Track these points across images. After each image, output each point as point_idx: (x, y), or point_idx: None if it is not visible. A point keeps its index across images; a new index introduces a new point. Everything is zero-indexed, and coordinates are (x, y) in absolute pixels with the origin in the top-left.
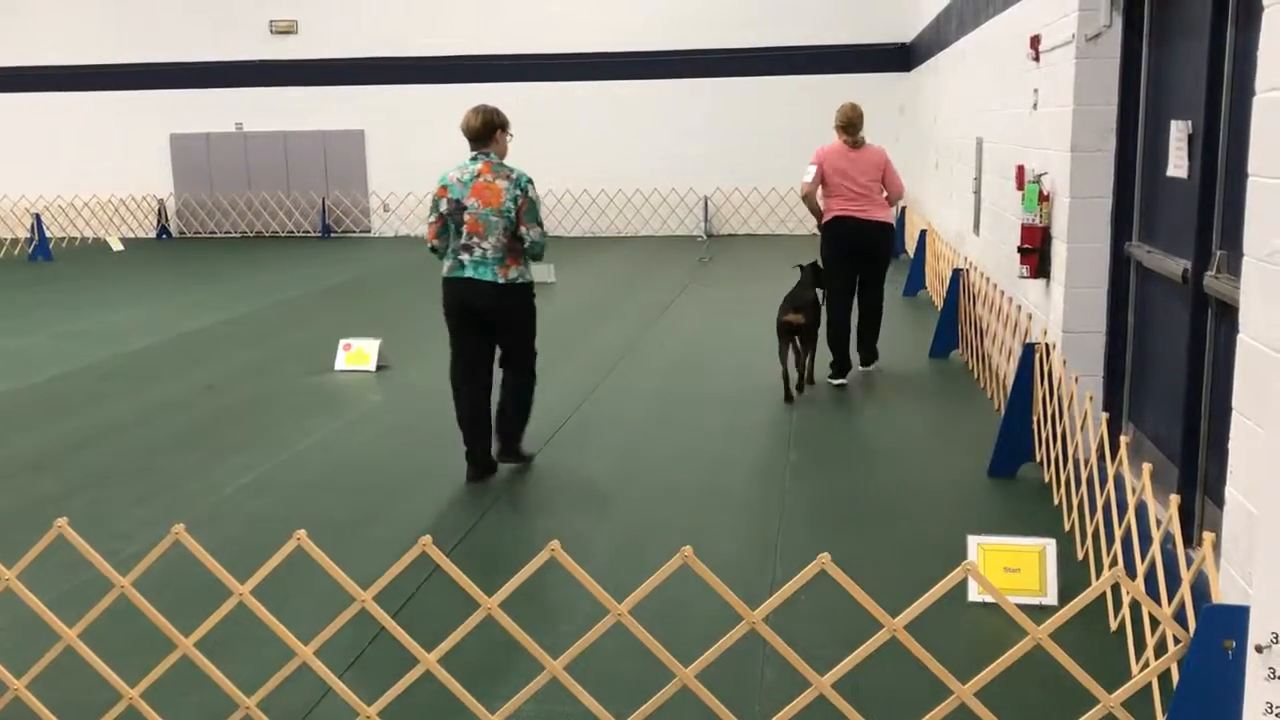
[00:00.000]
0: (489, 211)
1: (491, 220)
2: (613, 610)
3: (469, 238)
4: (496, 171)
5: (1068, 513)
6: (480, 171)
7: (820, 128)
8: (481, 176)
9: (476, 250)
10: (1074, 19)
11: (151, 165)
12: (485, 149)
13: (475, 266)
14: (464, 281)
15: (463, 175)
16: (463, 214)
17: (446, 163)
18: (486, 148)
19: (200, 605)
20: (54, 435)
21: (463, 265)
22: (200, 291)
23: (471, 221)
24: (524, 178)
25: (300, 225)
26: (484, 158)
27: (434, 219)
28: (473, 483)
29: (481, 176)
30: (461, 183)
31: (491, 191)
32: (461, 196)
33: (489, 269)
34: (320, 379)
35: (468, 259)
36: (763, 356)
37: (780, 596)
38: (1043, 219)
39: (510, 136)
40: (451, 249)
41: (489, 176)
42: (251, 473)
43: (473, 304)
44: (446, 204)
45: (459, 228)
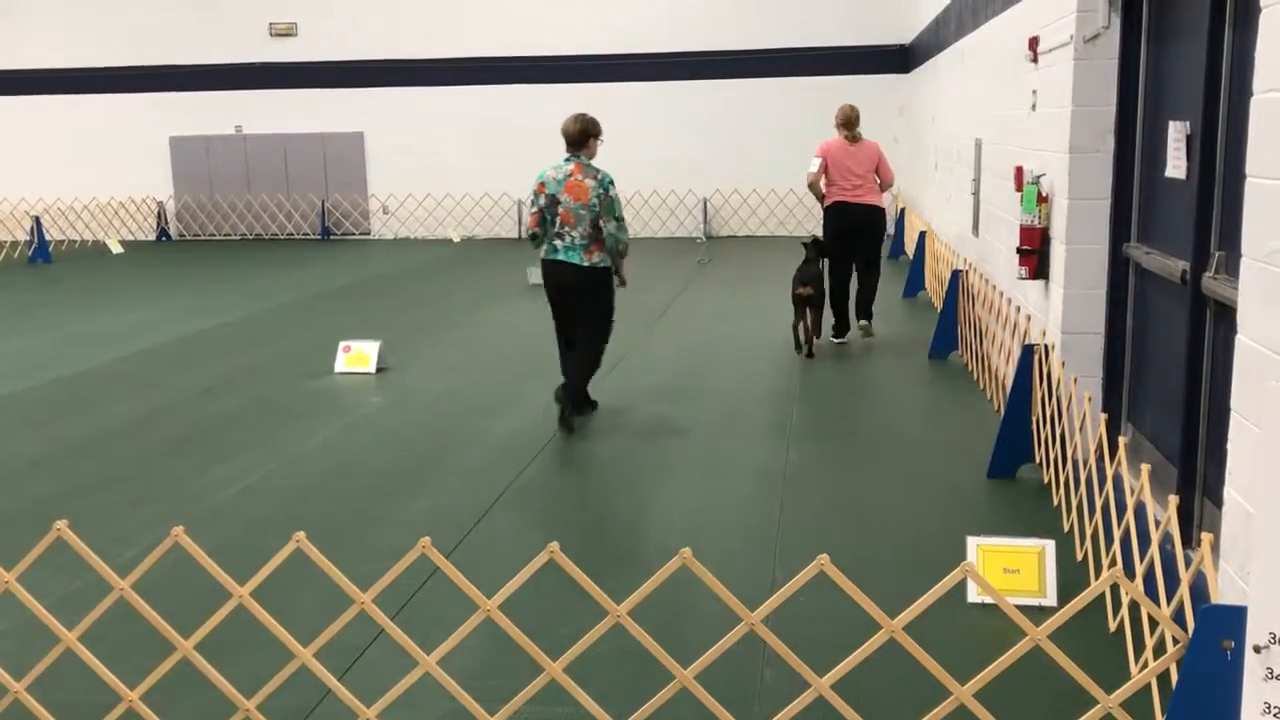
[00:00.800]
0: (578, 205)
1: (580, 213)
2: (612, 612)
3: (561, 227)
4: (586, 171)
5: (1067, 513)
6: (572, 171)
7: (820, 129)
8: (573, 175)
9: (567, 238)
10: (1072, 20)
11: (151, 168)
12: (578, 152)
13: (565, 251)
14: (556, 263)
15: (558, 174)
16: (556, 207)
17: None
18: (580, 151)
19: (200, 607)
20: (54, 438)
21: (556, 250)
22: (200, 294)
23: (564, 213)
24: (607, 178)
25: (300, 228)
26: (576, 159)
27: (534, 210)
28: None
29: (573, 175)
30: (557, 180)
31: (581, 189)
32: (556, 192)
33: (576, 253)
34: (320, 381)
35: (560, 245)
36: (762, 357)
37: (779, 597)
38: (1041, 220)
39: (600, 142)
40: (547, 236)
41: (579, 176)
42: (251, 475)
43: (563, 282)
44: (544, 198)
45: (553, 218)
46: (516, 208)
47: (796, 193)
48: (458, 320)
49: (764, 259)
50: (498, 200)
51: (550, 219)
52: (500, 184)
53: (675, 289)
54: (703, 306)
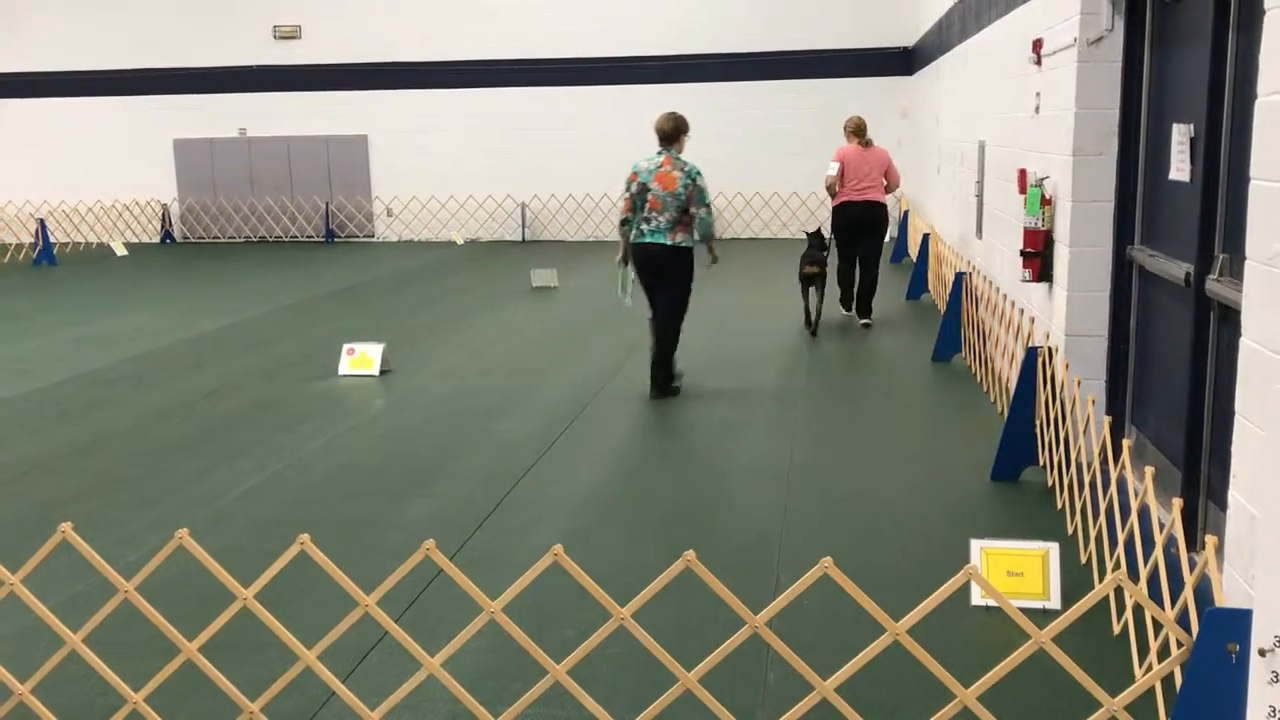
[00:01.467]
0: (666, 194)
1: (667, 200)
2: (615, 614)
3: (649, 212)
4: (674, 164)
5: (1071, 516)
6: (662, 163)
7: (824, 131)
8: (663, 167)
9: (654, 222)
10: (1075, 23)
11: (155, 170)
12: (669, 146)
13: (652, 234)
14: (644, 245)
15: (650, 165)
16: (646, 194)
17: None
18: (670, 146)
19: (204, 610)
20: (58, 440)
21: (644, 233)
22: (204, 296)
23: (653, 200)
24: (694, 170)
25: (304, 230)
26: (667, 152)
27: (626, 196)
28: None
29: (663, 167)
30: (648, 170)
31: (669, 179)
32: (647, 181)
33: (661, 235)
34: (324, 383)
35: (647, 228)
36: (767, 356)
37: (783, 600)
38: (1045, 223)
39: (688, 138)
40: (636, 220)
41: (668, 167)
42: (255, 477)
43: (650, 260)
44: (636, 186)
45: (643, 204)
46: (520, 210)
47: (800, 195)
48: (461, 323)
49: (769, 260)
50: (501, 203)
51: (640, 205)
52: (504, 187)
53: None
54: (709, 308)
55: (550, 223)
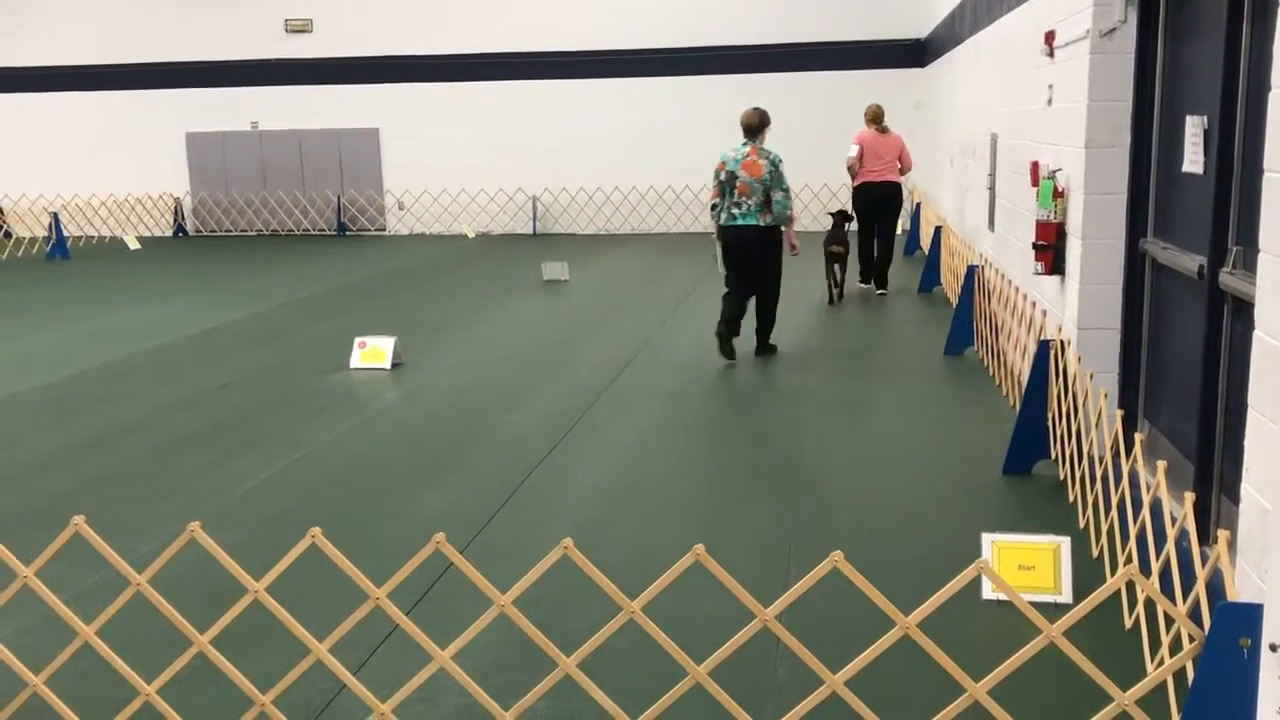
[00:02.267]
0: (753, 180)
1: (754, 186)
2: (625, 608)
3: (738, 197)
4: (759, 153)
5: (1082, 510)
6: (748, 153)
7: (835, 123)
8: (749, 156)
9: (744, 205)
10: (1088, 14)
11: (168, 164)
12: (753, 138)
13: (743, 216)
14: (736, 226)
15: (736, 155)
16: (735, 181)
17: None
18: (754, 137)
19: (215, 602)
20: (71, 433)
21: (735, 216)
22: (216, 289)
23: (741, 186)
24: (777, 158)
25: (315, 223)
26: (751, 143)
27: (716, 184)
28: (726, 359)
29: (749, 156)
30: (735, 160)
31: (755, 166)
32: (735, 169)
33: (753, 217)
34: (335, 377)
35: (738, 211)
36: (777, 355)
37: (793, 594)
38: (1057, 215)
39: (768, 130)
40: (725, 205)
41: (754, 156)
42: (266, 470)
43: (741, 240)
44: (725, 174)
45: (732, 190)
46: (531, 204)
47: (812, 187)
48: (472, 316)
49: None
50: (512, 196)
51: (729, 191)
52: (515, 180)
53: (690, 284)
54: (718, 301)
55: (561, 216)
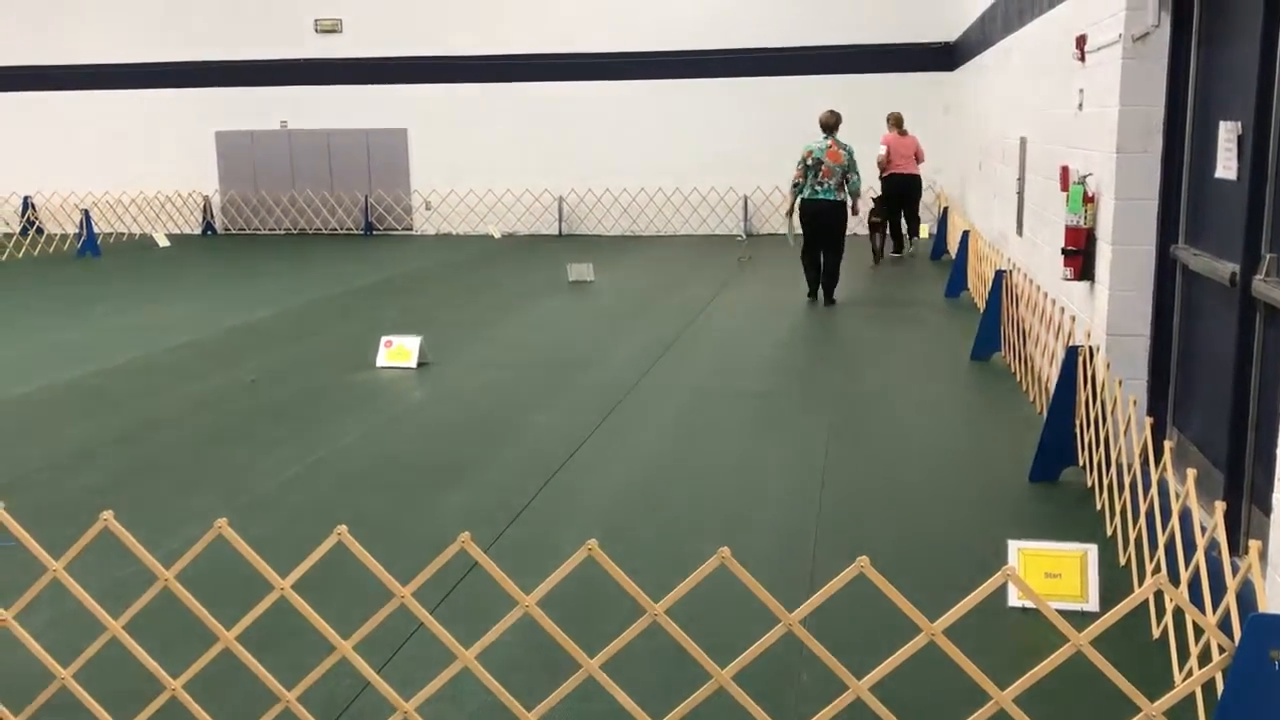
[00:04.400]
0: (835, 165)
1: (835, 169)
2: (649, 610)
3: (821, 178)
4: (837, 145)
5: (1110, 518)
6: (830, 145)
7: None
8: (831, 147)
9: (825, 185)
10: (1121, 18)
11: (197, 162)
12: (832, 133)
13: (824, 192)
14: (819, 200)
15: (820, 146)
16: (820, 166)
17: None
18: (833, 133)
19: (241, 598)
20: (99, 428)
21: (817, 192)
22: (244, 287)
23: (826, 170)
24: (850, 149)
25: (343, 223)
26: (831, 137)
27: (800, 168)
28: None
29: (831, 147)
30: (820, 149)
31: (837, 155)
32: (821, 157)
33: (831, 194)
34: (361, 375)
35: (820, 189)
36: (800, 354)
37: (818, 599)
38: (1087, 221)
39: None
40: (808, 184)
41: (835, 147)
42: (293, 468)
43: (820, 211)
44: (811, 160)
45: (816, 174)
46: (557, 204)
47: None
48: (498, 316)
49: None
50: (539, 197)
51: (813, 174)
52: (542, 180)
53: (715, 286)
54: (743, 303)
55: (587, 217)
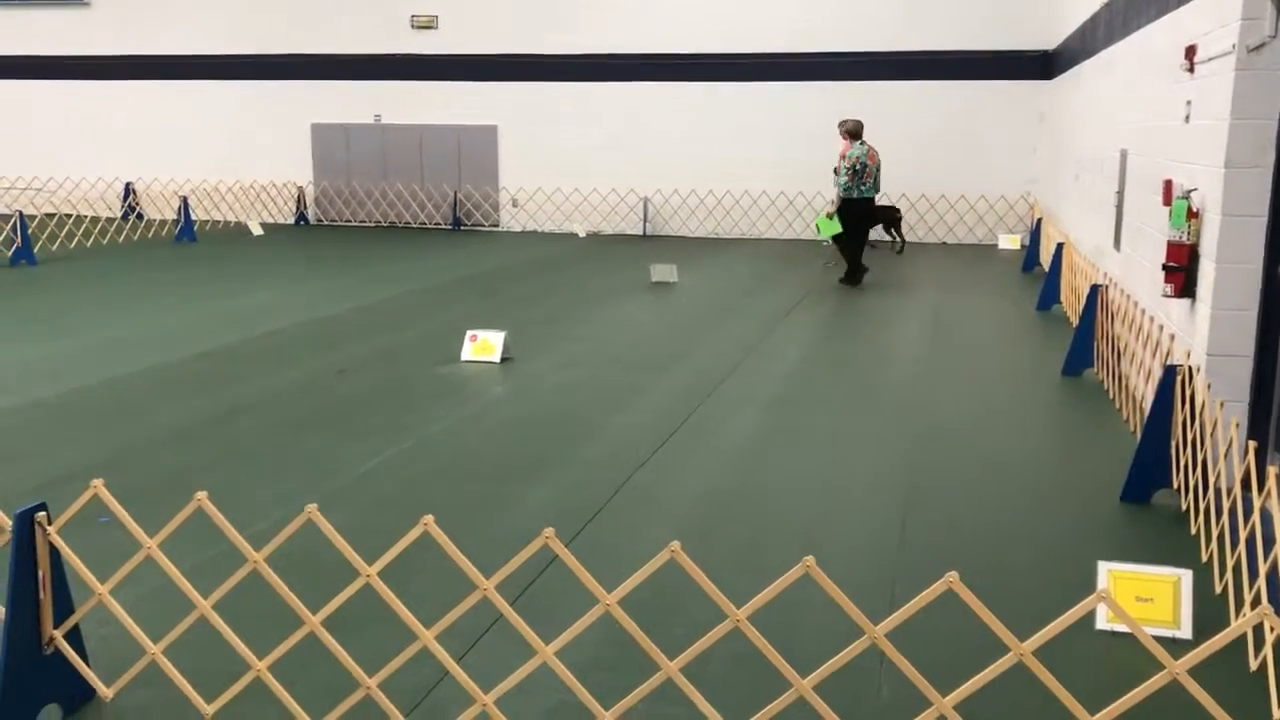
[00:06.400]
0: (875, 166)
1: (876, 170)
2: (731, 615)
3: (868, 178)
4: (872, 147)
5: (1206, 543)
6: (870, 147)
7: (957, 133)
8: (871, 149)
9: (867, 184)
10: (1235, 29)
11: (293, 153)
12: (862, 138)
13: (869, 190)
14: (867, 198)
15: (863, 150)
16: (865, 168)
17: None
18: (861, 138)
19: (326, 584)
20: (193, 411)
21: (864, 191)
22: (335, 278)
23: (869, 172)
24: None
25: (432, 217)
26: (865, 141)
27: (851, 173)
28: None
29: (871, 149)
30: (864, 153)
31: (876, 157)
32: (865, 160)
33: (874, 192)
34: (447, 368)
35: (865, 188)
36: (883, 365)
37: (904, 613)
38: (1190, 236)
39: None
40: (856, 184)
41: (874, 149)
42: (378, 456)
43: (869, 207)
44: (859, 165)
45: (863, 174)
46: (642, 205)
47: (929, 198)
48: (581, 314)
49: (897, 265)
50: (624, 197)
51: (860, 174)
52: (627, 181)
53: (799, 291)
54: (826, 308)
55: (672, 218)
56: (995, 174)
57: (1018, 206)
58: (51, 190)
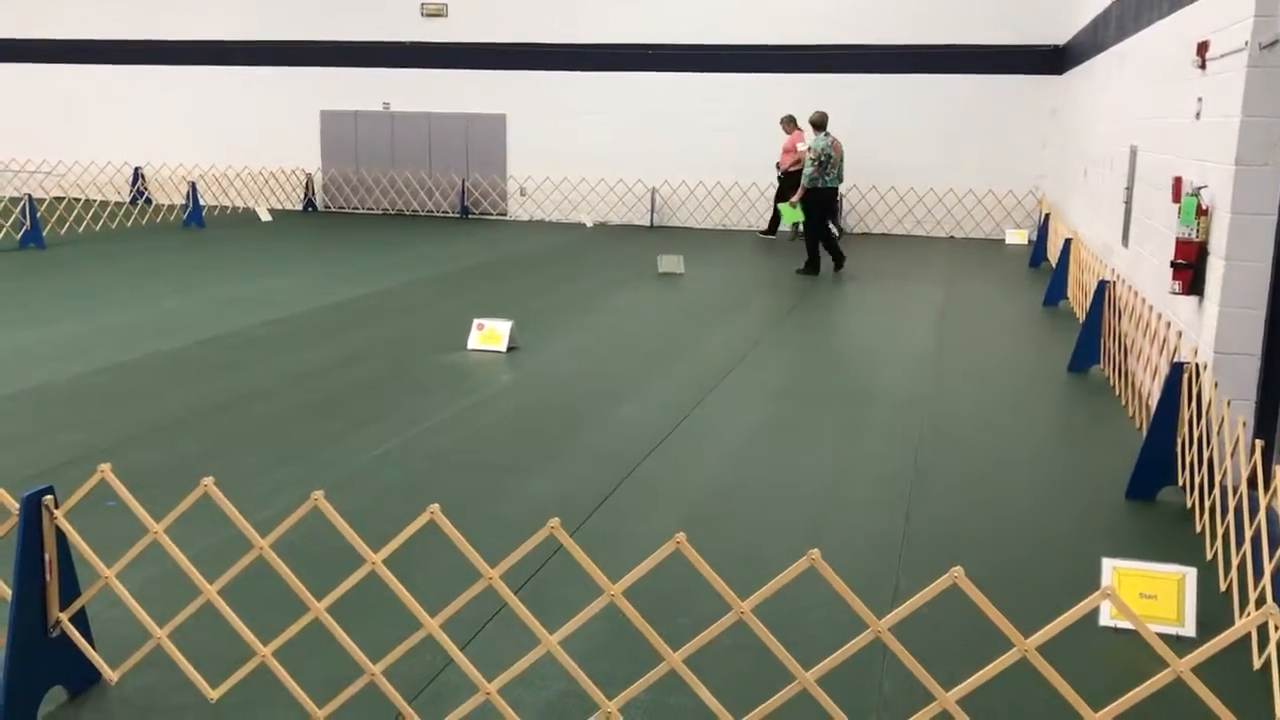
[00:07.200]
0: (839, 157)
1: (840, 161)
2: (735, 608)
3: (832, 169)
4: (836, 138)
5: (1210, 541)
6: (834, 139)
7: (966, 125)
8: (835, 140)
9: (832, 174)
10: (1248, 25)
11: (301, 140)
12: (826, 128)
13: (833, 180)
14: (831, 188)
15: (826, 142)
16: (829, 159)
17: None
18: (825, 129)
19: (330, 570)
20: (200, 396)
21: (827, 180)
22: (342, 265)
23: (834, 162)
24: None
25: (439, 205)
26: (829, 133)
27: (815, 165)
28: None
29: (835, 140)
30: (827, 145)
31: (840, 148)
32: (829, 151)
33: (838, 181)
34: (453, 356)
35: (827, 179)
36: (889, 365)
37: (908, 608)
38: (1199, 234)
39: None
40: (822, 175)
41: (837, 140)
42: (383, 445)
43: (833, 196)
44: (824, 155)
45: (827, 165)
46: (650, 195)
47: (937, 191)
48: (588, 304)
49: (905, 259)
50: (631, 187)
51: (823, 167)
52: (635, 171)
53: (808, 283)
54: (835, 301)
55: (679, 209)
56: (1004, 168)
57: (1026, 201)
58: (60, 174)
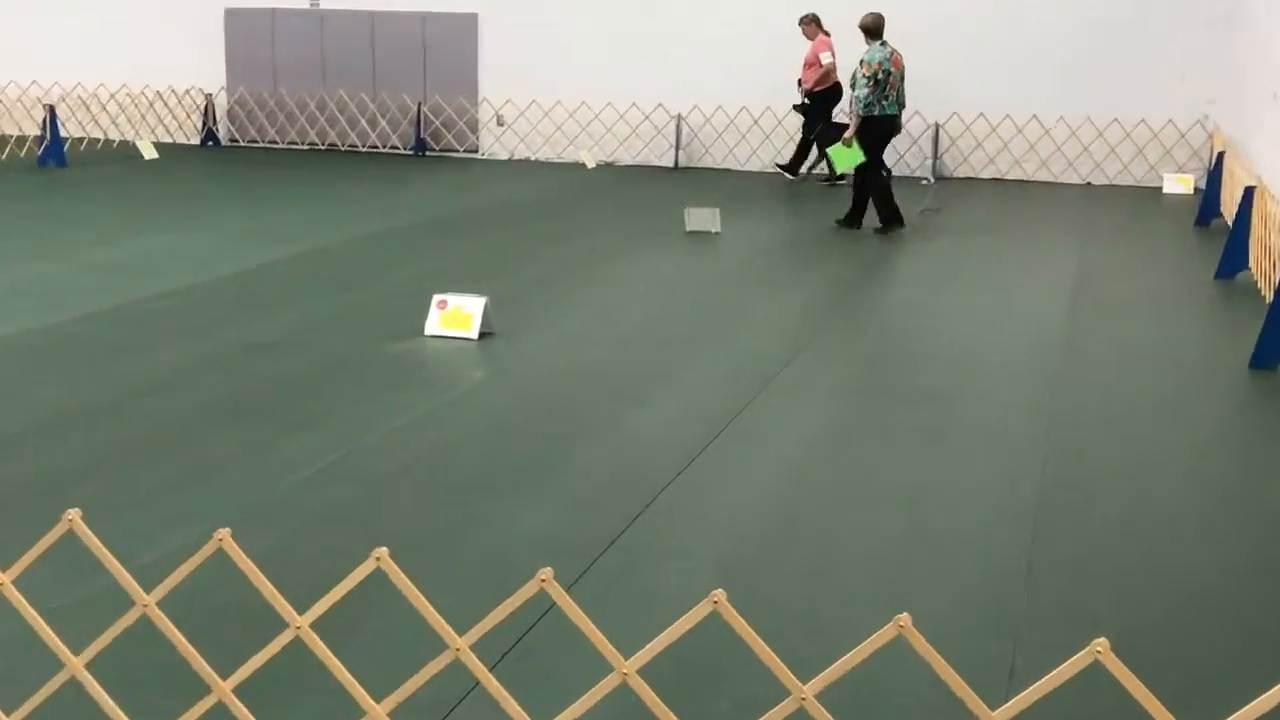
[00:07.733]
0: (899, 74)
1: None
2: (794, 691)
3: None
4: (895, 50)
5: None
6: (893, 50)
7: (1104, 39)
8: (895, 53)
9: (890, 97)
10: None
11: (198, 50)
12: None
13: (891, 106)
14: (893, 117)
15: (884, 54)
16: (889, 76)
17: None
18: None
19: (243, 632)
20: (71, 393)
21: (885, 107)
22: (256, 217)
23: (894, 81)
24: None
25: (386, 138)
26: (886, 42)
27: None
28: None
29: (895, 53)
30: (886, 59)
31: (900, 62)
32: (889, 68)
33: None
34: (406, 344)
35: (886, 102)
36: (996, 346)
37: (1034, 693)
38: None
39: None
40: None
41: (897, 53)
42: (317, 461)
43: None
44: (881, 74)
45: (884, 88)
46: (674, 127)
47: (1070, 122)
48: (588, 274)
49: (1020, 213)
50: (649, 115)
51: (881, 89)
52: (652, 95)
53: (887, 245)
54: (924, 269)
55: (714, 145)
56: (1159, 93)
57: (1191, 136)
58: None
